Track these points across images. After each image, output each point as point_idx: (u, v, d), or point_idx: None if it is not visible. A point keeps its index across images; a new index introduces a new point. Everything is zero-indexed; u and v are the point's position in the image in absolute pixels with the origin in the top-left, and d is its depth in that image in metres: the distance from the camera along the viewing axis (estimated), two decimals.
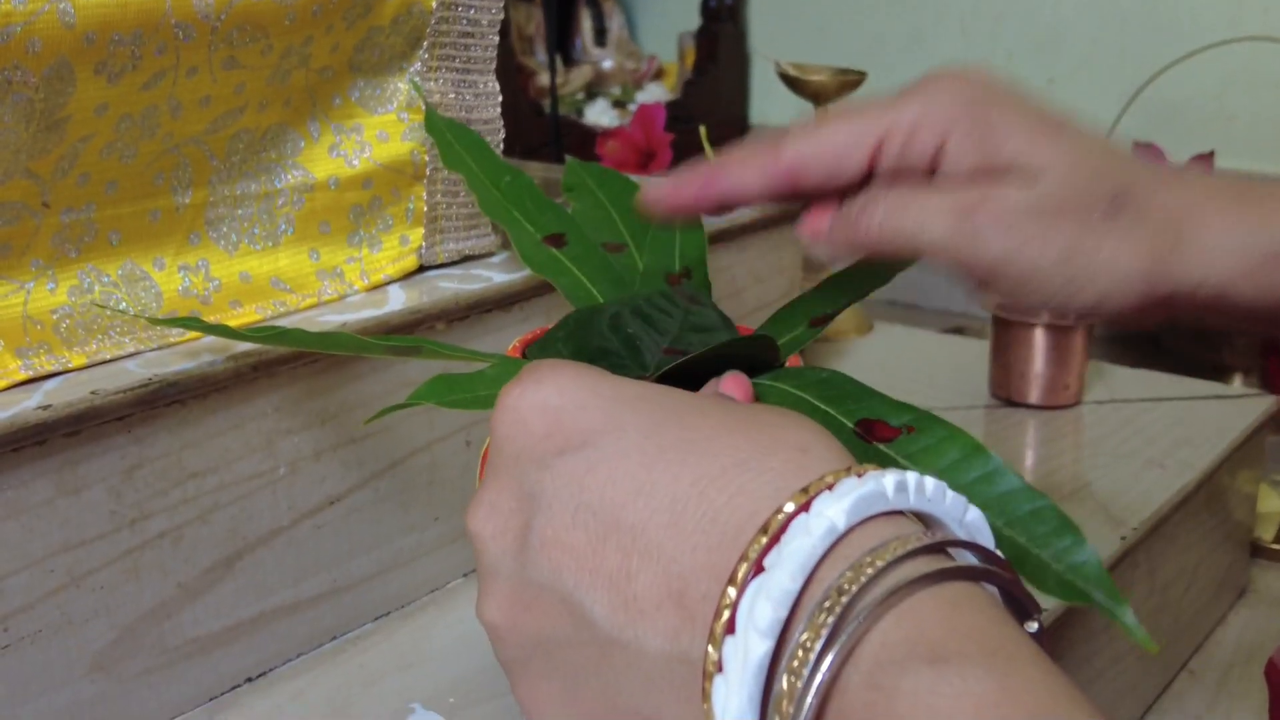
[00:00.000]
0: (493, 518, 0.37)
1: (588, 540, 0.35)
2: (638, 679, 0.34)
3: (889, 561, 0.30)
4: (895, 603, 0.29)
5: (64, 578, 0.54)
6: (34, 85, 0.53)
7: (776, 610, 0.30)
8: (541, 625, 0.36)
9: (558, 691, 0.36)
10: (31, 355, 0.56)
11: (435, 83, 0.70)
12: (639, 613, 0.33)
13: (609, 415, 0.36)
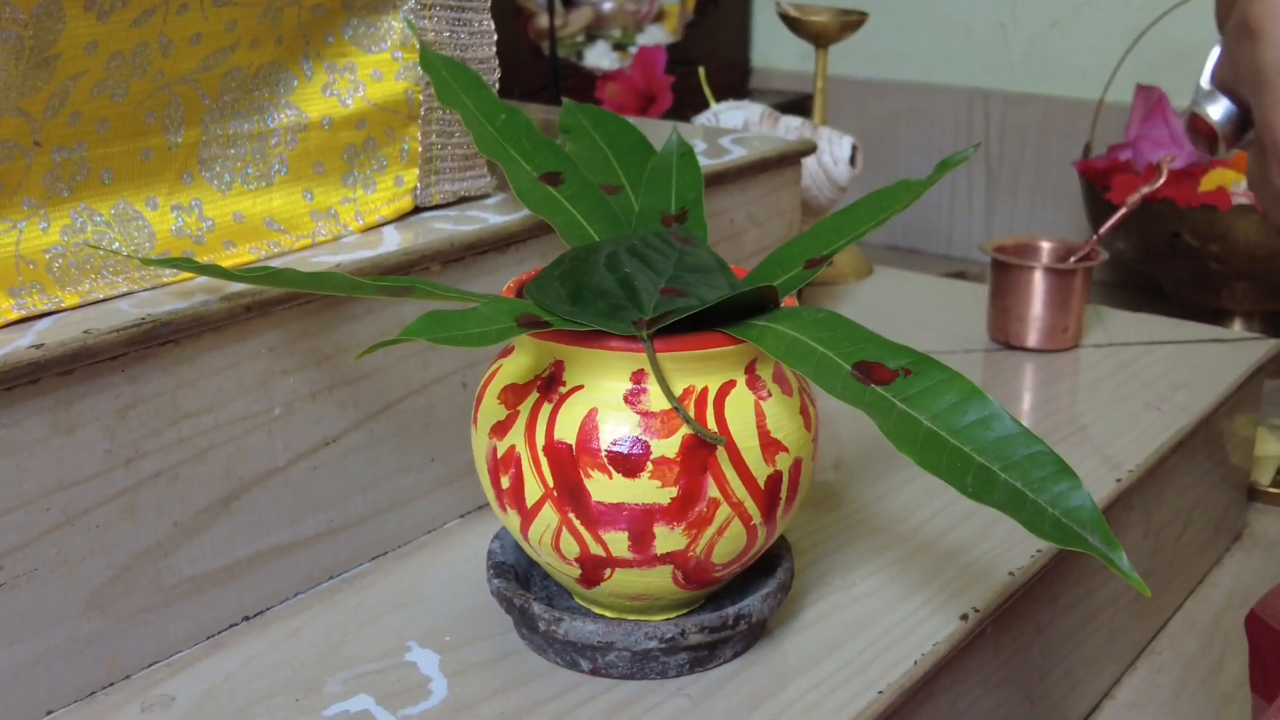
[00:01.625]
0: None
1: None
2: None
3: None
4: None
5: (59, 516, 0.55)
6: (23, 22, 0.53)
7: None
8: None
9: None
10: (24, 295, 0.56)
11: (429, 21, 0.70)
12: None
13: None
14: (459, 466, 0.72)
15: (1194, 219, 1.25)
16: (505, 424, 0.56)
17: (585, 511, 0.54)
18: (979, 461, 0.49)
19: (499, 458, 0.56)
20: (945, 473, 0.49)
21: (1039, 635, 0.72)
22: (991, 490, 0.48)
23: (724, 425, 0.54)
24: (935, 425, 0.50)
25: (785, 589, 0.60)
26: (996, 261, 0.98)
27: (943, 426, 0.50)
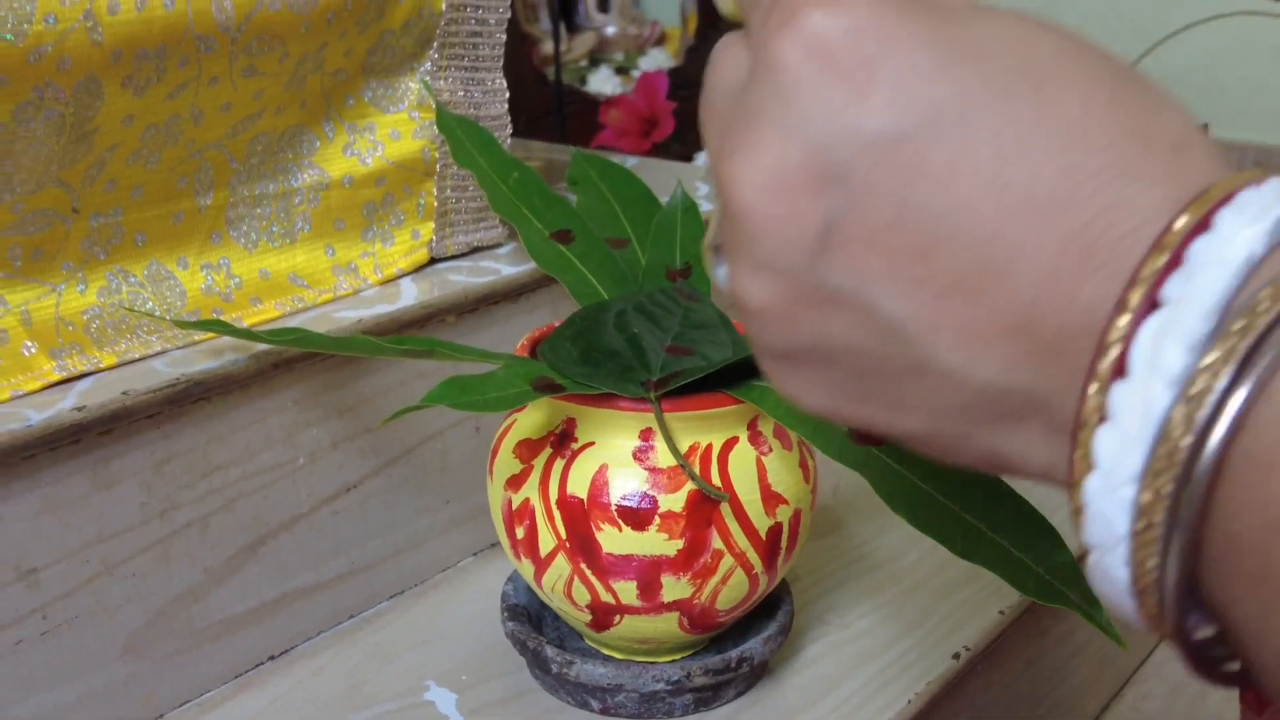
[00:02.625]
0: (780, 197, 0.29)
1: (914, 246, 0.28)
2: (950, 404, 0.29)
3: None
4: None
5: (98, 567, 0.58)
6: (65, 100, 0.56)
7: (1190, 355, 0.25)
8: (830, 330, 0.30)
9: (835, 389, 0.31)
10: (65, 356, 0.59)
11: (445, 81, 0.73)
12: (973, 337, 0.28)
13: (949, 80, 0.28)
14: (472, 507, 0.75)
15: None
16: (520, 477, 0.59)
17: (596, 562, 0.57)
18: (968, 521, 0.52)
19: (514, 509, 0.59)
20: (937, 532, 0.52)
21: (1028, 669, 0.75)
22: (979, 548, 0.51)
23: (727, 480, 0.57)
24: (928, 486, 0.53)
25: (785, 631, 0.64)
26: None
27: (935, 488, 0.53)
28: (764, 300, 0.30)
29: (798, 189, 0.29)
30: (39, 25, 0.54)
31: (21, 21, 0.53)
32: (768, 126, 0.29)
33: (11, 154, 0.55)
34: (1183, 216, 0.26)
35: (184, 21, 0.58)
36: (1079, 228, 0.27)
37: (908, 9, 0.28)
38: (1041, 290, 0.27)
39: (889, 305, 0.29)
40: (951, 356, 0.28)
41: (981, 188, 0.27)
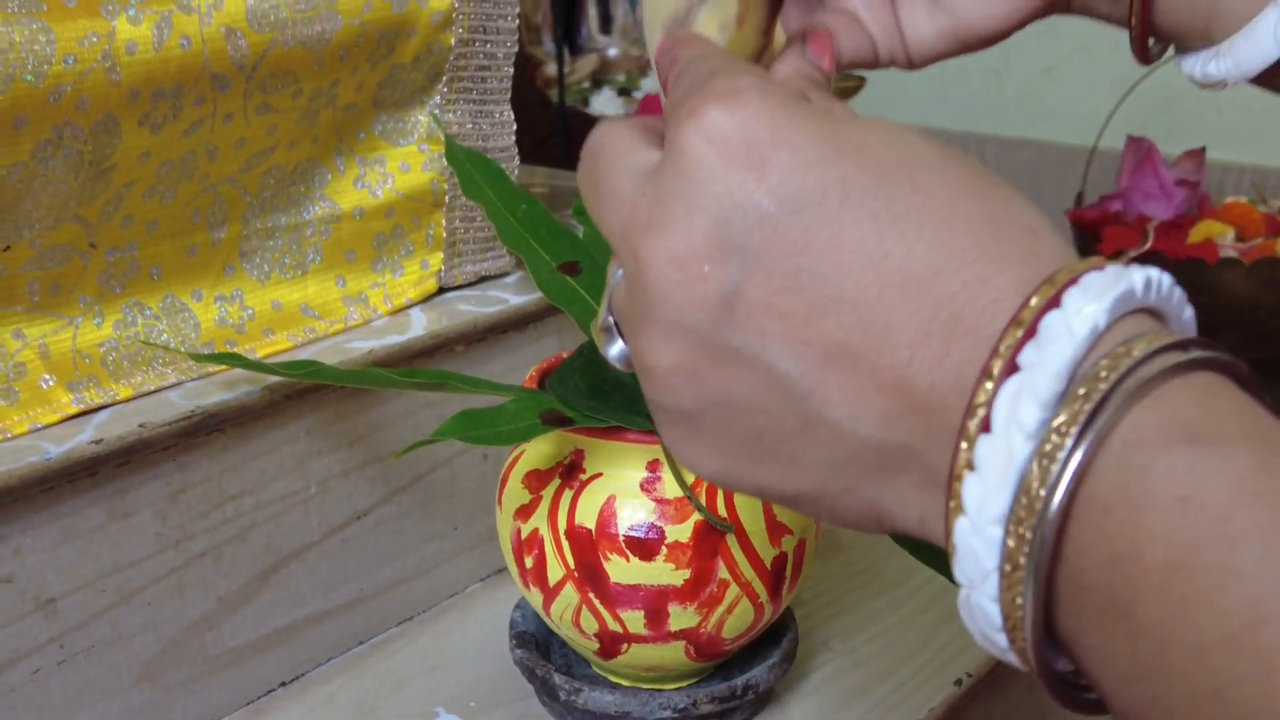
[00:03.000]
0: (686, 265, 0.32)
1: (805, 309, 0.32)
2: (836, 458, 0.33)
3: (1145, 354, 0.29)
4: (1149, 390, 0.28)
5: (114, 596, 0.59)
6: (83, 139, 0.57)
7: (1043, 411, 0.28)
8: (730, 387, 0.33)
9: (731, 450, 0.34)
10: (82, 389, 0.60)
11: (454, 114, 0.74)
12: (856, 394, 0.31)
13: (834, 166, 0.32)
14: (480, 533, 0.76)
15: (1181, 270, 1.29)
16: (529, 508, 0.60)
17: (604, 591, 0.58)
18: None
19: (523, 539, 0.60)
20: (937, 563, 0.53)
21: (1029, 694, 0.76)
22: None
23: (733, 511, 0.58)
24: None
25: (790, 658, 0.65)
26: None
27: None
28: (671, 361, 0.33)
29: (703, 257, 0.32)
30: (58, 66, 0.55)
31: (41, 62, 0.54)
32: (677, 204, 0.33)
33: (31, 191, 0.56)
34: (1036, 295, 0.30)
35: (200, 60, 0.59)
36: (947, 298, 0.31)
37: (796, 107, 0.33)
38: (915, 352, 0.31)
39: (783, 364, 0.32)
40: (837, 412, 0.32)
41: (863, 259, 0.31)
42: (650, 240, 0.33)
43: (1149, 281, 0.30)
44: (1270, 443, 0.28)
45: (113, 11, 0.57)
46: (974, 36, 0.50)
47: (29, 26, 0.54)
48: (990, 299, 0.30)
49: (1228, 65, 0.48)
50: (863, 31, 0.49)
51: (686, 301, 0.33)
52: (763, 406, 0.33)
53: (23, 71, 0.54)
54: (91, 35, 0.56)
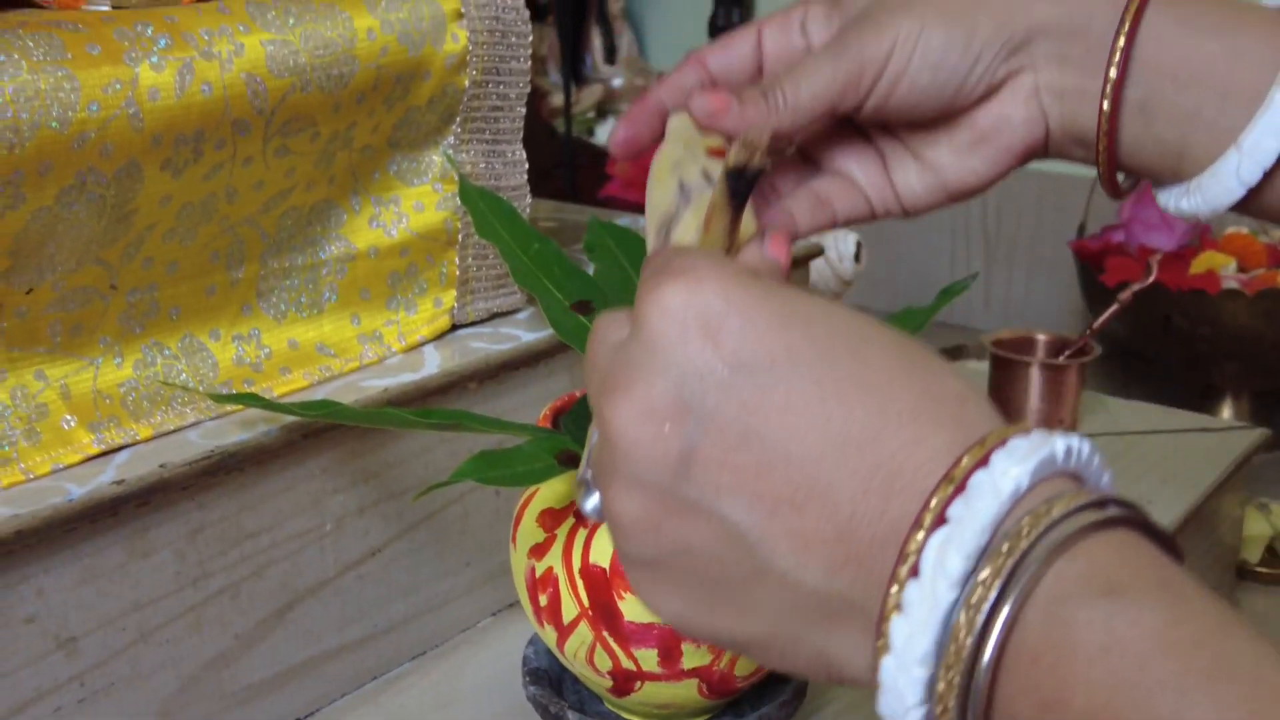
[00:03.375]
0: (648, 424, 0.36)
1: (755, 466, 0.34)
2: (785, 605, 0.35)
3: (1064, 514, 0.31)
4: (1069, 546, 0.31)
5: (134, 634, 0.59)
6: (106, 184, 0.58)
7: (967, 562, 0.31)
8: (690, 537, 0.36)
9: (689, 596, 0.37)
10: (103, 429, 0.61)
11: (467, 154, 0.75)
12: (802, 545, 0.34)
13: (781, 336, 0.35)
14: (492, 568, 0.76)
15: (1184, 301, 1.30)
16: (543, 546, 0.61)
17: (618, 630, 0.59)
18: None
19: (537, 577, 0.61)
20: None
21: None
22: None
23: None
24: None
25: (801, 695, 0.65)
26: (995, 356, 1.03)
27: None
28: (635, 512, 0.36)
29: (662, 417, 0.35)
30: (83, 113, 0.56)
31: (66, 109, 0.55)
32: (640, 370, 0.36)
33: (54, 235, 0.57)
34: (967, 456, 0.33)
35: (221, 106, 0.60)
36: (886, 457, 0.34)
37: (747, 281, 0.36)
38: (857, 507, 0.34)
39: (735, 516, 0.35)
40: (785, 562, 0.34)
41: (808, 421, 0.34)
42: (615, 401, 0.36)
43: (1069, 449, 0.33)
44: (1181, 594, 0.31)
45: (136, 59, 0.58)
46: (961, 191, 0.54)
47: (54, 74, 0.55)
48: (925, 458, 0.33)
49: (1197, 202, 0.51)
50: (858, 192, 0.55)
51: (648, 458, 0.36)
52: (717, 555, 0.35)
53: (48, 119, 0.55)
54: (115, 82, 0.57)
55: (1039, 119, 0.52)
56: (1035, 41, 0.51)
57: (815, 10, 0.53)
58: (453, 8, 0.71)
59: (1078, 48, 0.51)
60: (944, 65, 0.51)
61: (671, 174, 0.49)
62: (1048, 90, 0.52)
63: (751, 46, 0.53)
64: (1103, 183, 0.54)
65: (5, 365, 0.58)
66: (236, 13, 0.63)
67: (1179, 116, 0.51)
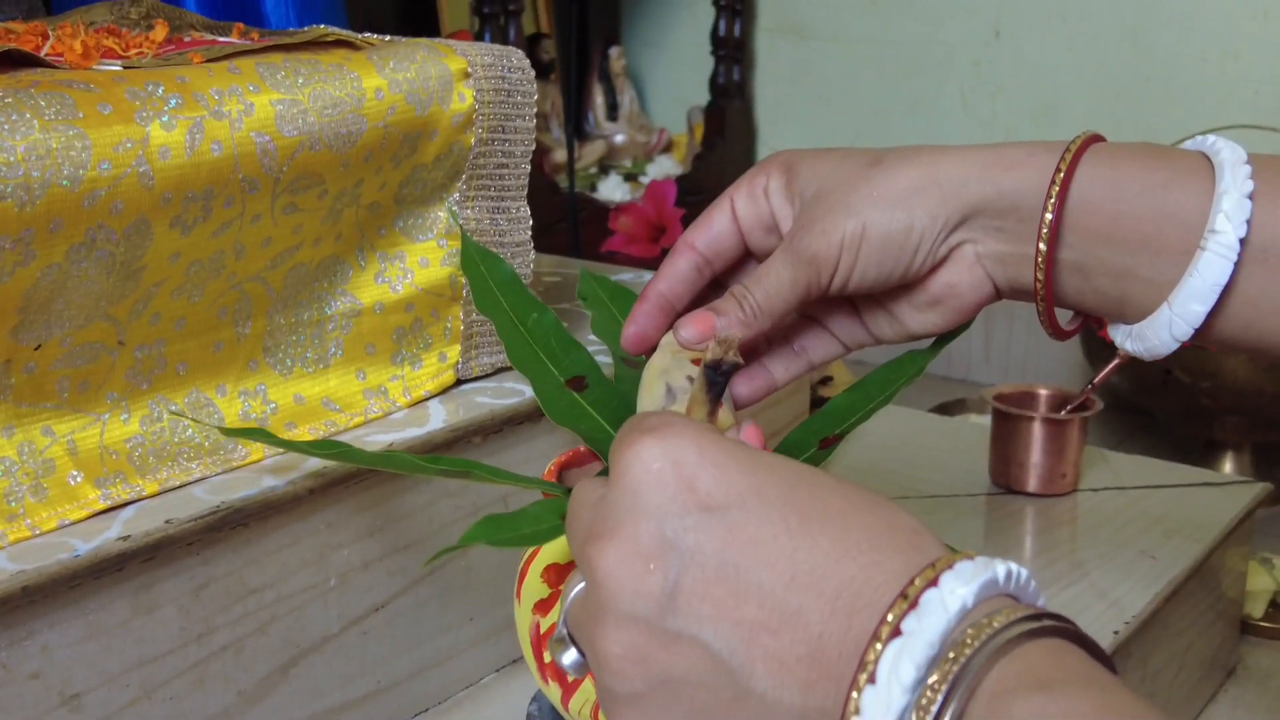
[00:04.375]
0: (633, 563, 0.39)
1: (731, 595, 0.38)
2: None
3: (1004, 625, 0.35)
4: (1008, 650, 0.35)
5: (138, 691, 0.59)
6: (116, 241, 0.58)
7: (919, 670, 0.35)
8: (675, 666, 0.39)
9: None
10: (109, 485, 0.61)
11: (472, 210, 0.76)
12: (779, 666, 0.37)
13: (749, 479, 0.40)
14: (495, 624, 0.76)
15: (1185, 356, 1.31)
16: (548, 602, 0.60)
17: None
18: None
19: (542, 634, 0.61)
20: None
21: None
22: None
23: None
24: None
25: None
26: (997, 410, 1.03)
27: None
28: (624, 647, 0.39)
29: (647, 557, 0.39)
30: (93, 171, 0.56)
31: (77, 168, 0.56)
32: (623, 516, 0.40)
33: (63, 291, 0.58)
34: (919, 577, 0.37)
35: (230, 165, 0.61)
36: (847, 580, 0.37)
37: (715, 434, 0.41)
38: (825, 627, 0.37)
39: (717, 643, 0.38)
40: (763, 683, 0.38)
41: (776, 552, 0.38)
42: (601, 546, 0.40)
43: (1009, 573, 0.37)
44: (1106, 689, 0.34)
45: (147, 118, 0.58)
46: (925, 335, 0.61)
47: (65, 133, 0.56)
48: (883, 579, 0.37)
49: (1139, 348, 0.56)
50: (832, 339, 0.62)
51: (635, 593, 0.39)
52: (701, 681, 0.38)
53: (59, 177, 0.55)
54: (126, 141, 0.57)
55: (985, 281, 0.58)
56: (971, 220, 0.56)
57: (774, 181, 0.59)
58: (459, 68, 0.72)
59: (1010, 221, 0.56)
60: (888, 256, 0.56)
61: (659, 380, 0.55)
62: (989, 257, 0.57)
63: (728, 218, 0.60)
64: (1047, 331, 0.59)
65: (13, 421, 0.59)
66: (246, 73, 0.63)
67: (1114, 272, 0.55)
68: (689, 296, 0.61)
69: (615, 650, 0.40)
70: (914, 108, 1.85)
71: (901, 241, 0.56)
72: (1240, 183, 0.53)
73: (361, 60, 0.68)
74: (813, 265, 0.56)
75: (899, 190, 0.56)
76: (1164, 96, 1.66)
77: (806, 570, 0.38)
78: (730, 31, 1.87)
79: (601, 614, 0.40)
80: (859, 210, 0.56)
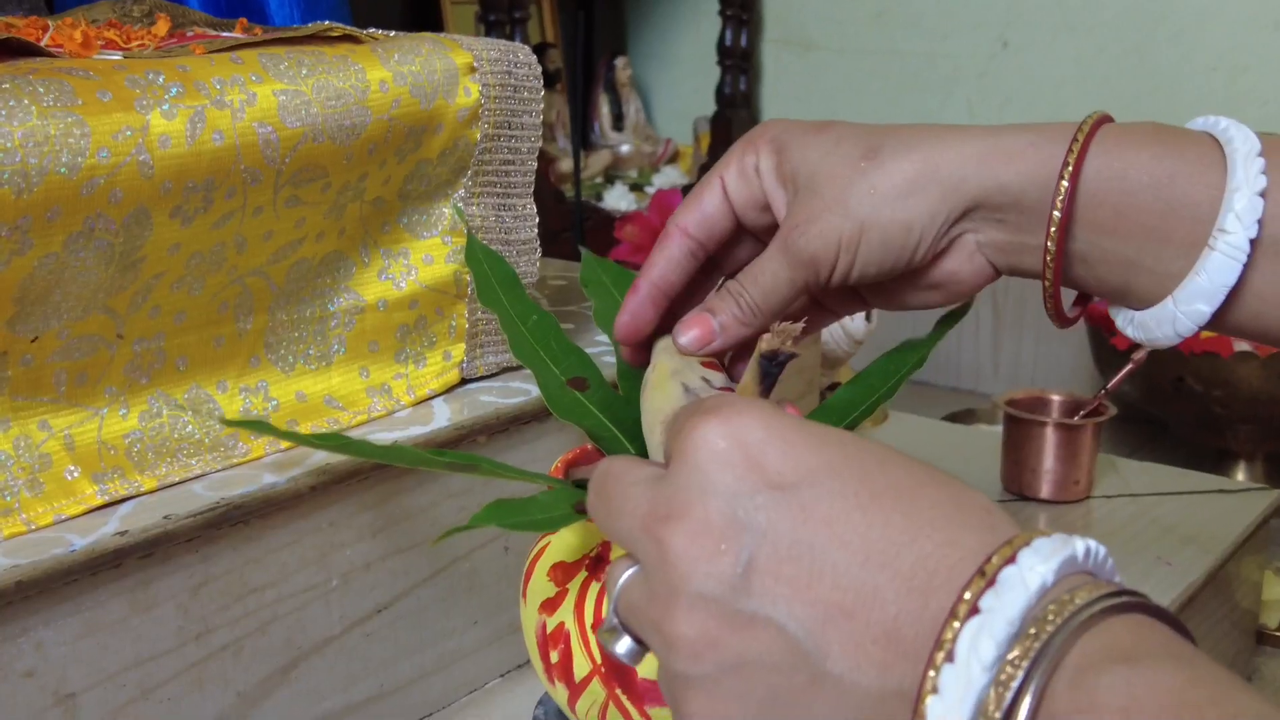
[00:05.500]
0: (704, 543, 0.38)
1: (805, 575, 0.37)
2: (844, 711, 0.37)
3: (1087, 601, 0.34)
4: (1090, 626, 0.34)
5: (135, 691, 0.58)
6: (115, 231, 0.57)
7: (999, 648, 0.34)
8: (749, 648, 0.38)
9: (747, 712, 0.38)
10: (107, 480, 0.60)
11: (477, 207, 0.75)
12: (854, 647, 0.36)
13: (818, 456, 0.39)
14: (500, 627, 0.75)
15: (1197, 364, 1.29)
16: (555, 601, 0.59)
17: (632, 688, 0.57)
18: None
19: (548, 633, 0.59)
20: None
21: None
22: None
23: None
24: None
25: None
26: (1009, 416, 1.02)
27: None
28: (696, 629, 0.38)
29: (719, 536, 0.38)
30: (92, 159, 0.55)
31: (75, 155, 0.55)
32: (692, 495, 0.39)
33: (61, 282, 0.57)
34: (996, 555, 0.36)
35: (232, 155, 0.60)
36: (923, 558, 0.36)
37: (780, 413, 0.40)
38: (901, 607, 0.36)
39: (791, 625, 0.37)
40: (839, 665, 0.36)
41: (850, 530, 0.37)
42: (672, 526, 0.39)
43: (1088, 550, 0.36)
44: (1192, 663, 0.33)
45: (147, 106, 0.57)
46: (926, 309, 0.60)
47: (64, 120, 0.55)
48: (959, 558, 0.36)
49: (1140, 335, 0.56)
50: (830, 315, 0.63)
51: (708, 574, 0.38)
52: (775, 664, 0.37)
53: (57, 164, 0.54)
54: (126, 129, 0.56)
55: (985, 267, 0.57)
56: (971, 213, 0.55)
57: (764, 161, 0.58)
58: (465, 62, 0.71)
59: (1011, 214, 0.55)
60: (888, 254, 0.55)
61: (672, 380, 0.54)
62: (989, 246, 0.56)
63: (720, 198, 0.59)
64: (1053, 319, 0.58)
65: (9, 414, 0.57)
66: (249, 63, 0.62)
67: (1119, 263, 0.54)
68: (682, 283, 0.60)
69: (687, 633, 0.38)
70: (920, 120, 1.84)
71: (901, 240, 0.55)
72: (1253, 179, 0.51)
73: (366, 53, 0.67)
74: (811, 266, 0.56)
75: (896, 188, 0.55)
76: (1172, 108, 1.65)
77: (881, 548, 0.37)
78: (736, 42, 1.86)
79: (671, 596, 0.39)
80: (856, 210, 0.55)
